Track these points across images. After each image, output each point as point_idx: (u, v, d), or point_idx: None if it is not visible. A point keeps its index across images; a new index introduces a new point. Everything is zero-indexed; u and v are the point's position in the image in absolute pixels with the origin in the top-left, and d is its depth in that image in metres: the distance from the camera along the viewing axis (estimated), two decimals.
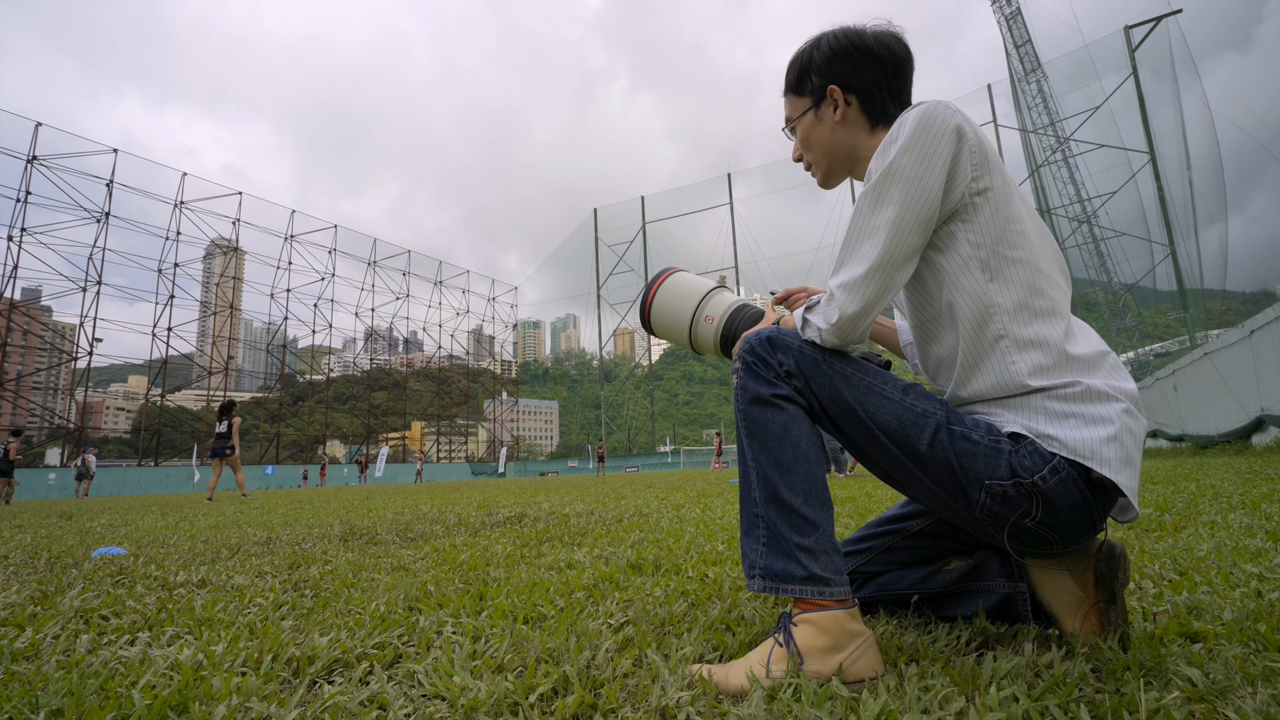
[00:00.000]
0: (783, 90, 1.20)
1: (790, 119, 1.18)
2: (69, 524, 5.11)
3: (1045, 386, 0.92)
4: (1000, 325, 0.94)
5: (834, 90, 1.11)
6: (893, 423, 0.95)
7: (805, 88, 1.14)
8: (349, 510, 5.80)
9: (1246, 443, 8.34)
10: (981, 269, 0.95)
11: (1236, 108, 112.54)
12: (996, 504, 0.91)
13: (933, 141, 0.92)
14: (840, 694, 0.80)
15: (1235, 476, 4.32)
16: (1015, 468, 0.89)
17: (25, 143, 30.28)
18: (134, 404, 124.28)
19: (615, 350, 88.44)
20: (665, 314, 1.31)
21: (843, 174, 1.18)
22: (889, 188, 0.93)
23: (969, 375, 0.99)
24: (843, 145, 1.13)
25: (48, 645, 1.23)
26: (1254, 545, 1.74)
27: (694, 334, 1.28)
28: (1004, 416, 0.95)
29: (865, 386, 0.98)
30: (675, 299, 1.30)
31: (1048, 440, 0.90)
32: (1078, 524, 0.91)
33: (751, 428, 0.98)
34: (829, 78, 1.11)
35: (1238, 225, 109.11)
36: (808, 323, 1.02)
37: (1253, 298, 41.88)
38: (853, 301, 0.94)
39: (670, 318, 1.30)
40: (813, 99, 1.13)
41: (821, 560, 0.93)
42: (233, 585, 1.87)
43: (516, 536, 2.93)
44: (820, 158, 1.16)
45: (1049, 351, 0.93)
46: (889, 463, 0.98)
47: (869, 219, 0.95)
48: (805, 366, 0.98)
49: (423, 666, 0.99)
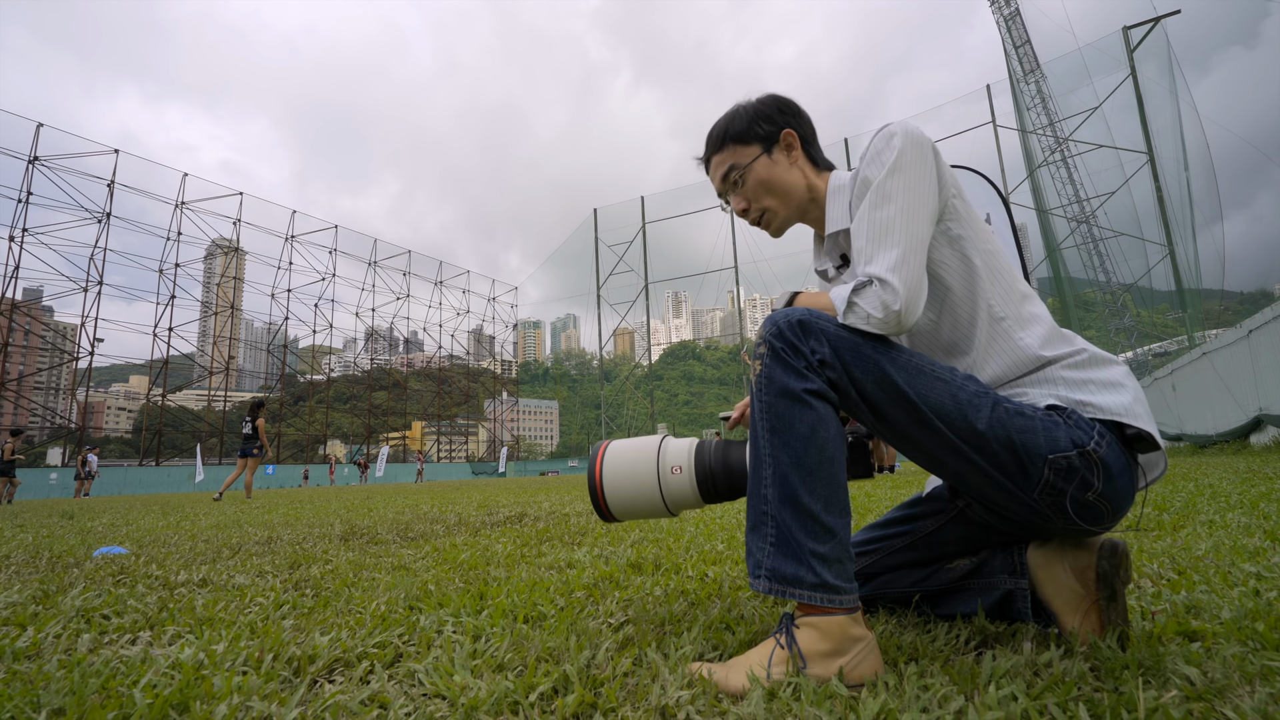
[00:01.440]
0: (712, 150, 1.20)
1: (736, 166, 1.17)
2: (70, 524, 5.11)
3: (1056, 356, 0.98)
4: (1000, 307, 1.01)
5: (789, 133, 1.16)
6: (948, 404, 0.91)
7: (754, 134, 1.15)
8: (349, 510, 5.80)
9: (1245, 442, 8.34)
10: (977, 258, 1.02)
11: (1243, 102, 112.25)
12: (1059, 479, 0.90)
13: (922, 147, 1.00)
14: (840, 693, 0.80)
15: (1233, 476, 4.32)
16: (1074, 438, 0.90)
17: (26, 143, 30.33)
18: (135, 404, 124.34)
19: (615, 350, 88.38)
20: (623, 488, 1.15)
21: (798, 217, 1.20)
22: (899, 176, 0.98)
23: (981, 360, 1.02)
24: (800, 184, 1.16)
25: (49, 644, 1.24)
26: (1252, 544, 1.74)
27: (666, 495, 1.14)
28: (1033, 393, 0.97)
29: (915, 367, 0.94)
30: (627, 467, 1.16)
31: (1082, 406, 0.93)
32: (1128, 488, 0.93)
33: (775, 423, 0.93)
34: (780, 124, 1.16)
35: (1240, 224, 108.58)
36: (854, 307, 0.94)
37: (1251, 297, 41.85)
38: (904, 285, 0.92)
39: (631, 491, 1.15)
40: (763, 145, 1.15)
41: (834, 568, 0.90)
42: (234, 585, 1.87)
43: (517, 536, 2.93)
44: (780, 199, 1.17)
45: (1045, 323, 1.01)
46: (940, 448, 0.93)
47: (884, 208, 0.97)
48: (844, 352, 0.93)
49: (423, 666, 0.99)
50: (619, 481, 1.16)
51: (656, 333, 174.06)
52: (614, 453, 1.19)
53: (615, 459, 1.18)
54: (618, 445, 1.20)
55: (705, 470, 1.13)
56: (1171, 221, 21.55)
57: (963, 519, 1.12)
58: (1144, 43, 22.83)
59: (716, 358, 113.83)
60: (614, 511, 1.19)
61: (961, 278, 1.03)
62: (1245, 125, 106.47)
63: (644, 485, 1.15)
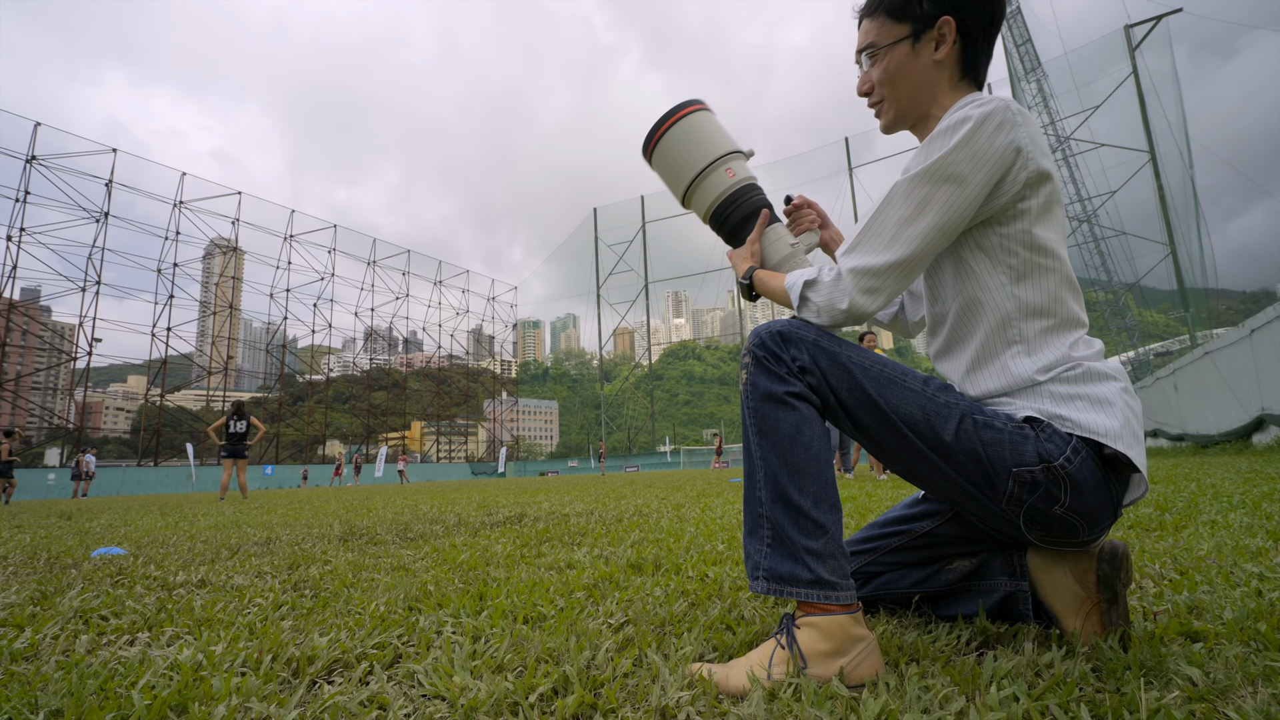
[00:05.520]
0: (866, 12, 1.06)
1: (875, 45, 1.04)
2: (68, 524, 5.11)
3: (1051, 377, 0.95)
4: (1017, 331, 0.96)
5: (947, 23, 0.99)
6: (916, 414, 0.92)
7: (910, 13, 1.00)
8: (349, 510, 5.80)
9: (1247, 442, 8.34)
10: (1009, 273, 0.95)
11: (1271, 85, 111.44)
12: (1025, 492, 0.90)
13: (989, 150, 0.89)
14: (840, 693, 0.80)
15: (1236, 476, 4.32)
16: (1042, 453, 0.89)
17: (24, 143, 30.31)
18: (133, 404, 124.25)
19: (615, 350, 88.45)
20: (682, 143, 1.17)
21: (910, 122, 1.08)
22: (932, 186, 0.91)
23: (978, 373, 0.99)
24: (929, 90, 1.03)
25: (47, 645, 1.23)
26: (1254, 544, 1.73)
27: (699, 181, 1.16)
28: (1015, 404, 0.96)
29: (886, 378, 0.95)
30: (703, 132, 1.17)
31: (1060, 421, 0.91)
32: (1102, 506, 0.91)
33: (761, 426, 0.96)
34: (945, 7, 0.99)
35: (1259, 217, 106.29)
36: (806, 301, 0.98)
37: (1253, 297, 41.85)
38: (867, 294, 0.93)
39: (685, 150, 1.17)
40: (913, 28, 1.01)
41: (829, 564, 0.91)
42: (232, 585, 1.87)
43: (516, 536, 2.93)
44: (902, 97, 1.05)
45: (1058, 351, 0.96)
46: (911, 456, 0.95)
47: (899, 209, 0.93)
48: (821, 360, 0.95)
49: (423, 666, 0.99)
50: (684, 136, 1.19)
51: (656, 333, 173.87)
52: (702, 118, 1.21)
53: (697, 122, 1.20)
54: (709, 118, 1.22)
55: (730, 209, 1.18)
56: (1173, 220, 21.56)
57: (959, 519, 1.12)
58: (1146, 40, 22.83)
59: (716, 358, 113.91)
60: (657, 154, 1.22)
61: (989, 288, 0.97)
62: (1275, 110, 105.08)
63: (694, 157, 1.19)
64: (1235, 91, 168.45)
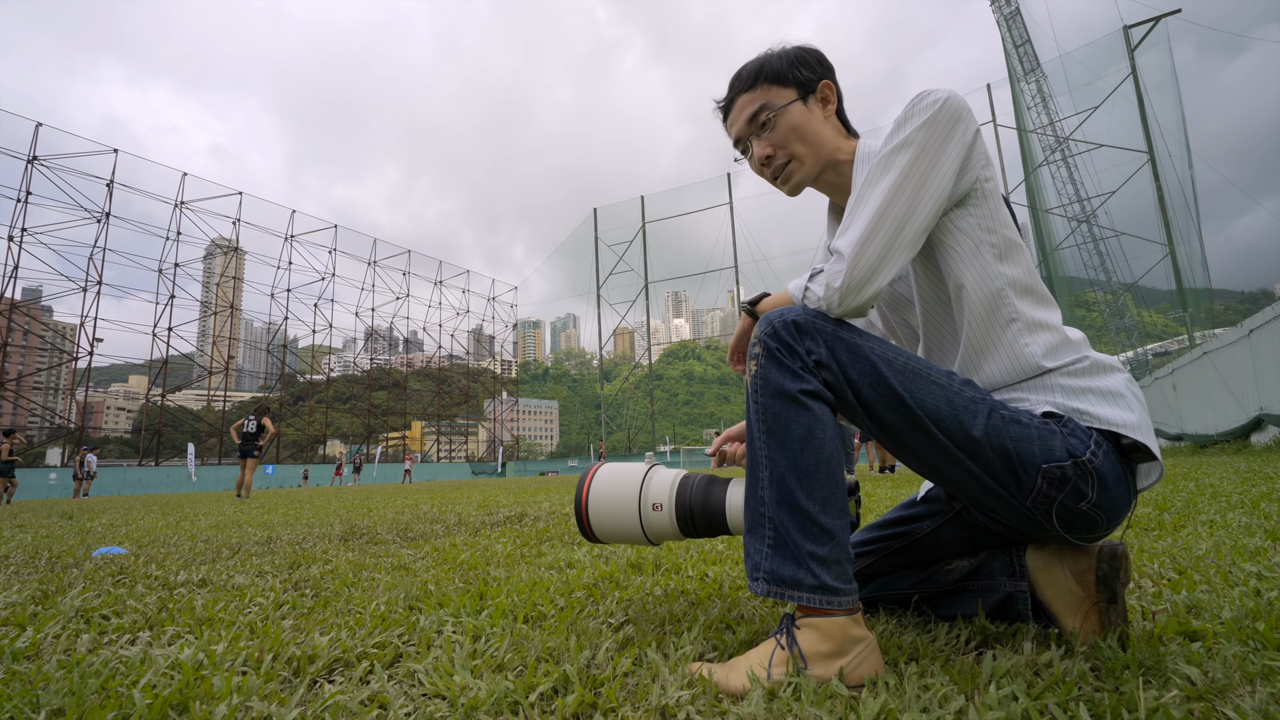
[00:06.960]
0: (742, 89, 1.11)
1: (771, 106, 1.08)
2: (69, 524, 5.11)
3: (1058, 365, 0.95)
4: (1012, 308, 0.97)
5: (828, 85, 1.09)
6: (943, 409, 0.89)
7: (792, 78, 1.08)
8: (349, 510, 5.80)
9: (1245, 442, 8.35)
10: (992, 252, 0.97)
11: (1272, 85, 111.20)
12: (1053, 489, 0.89)
13: (952, 124, 0.93)
14: (840, 693, 0.80)
15: (1234, 475, 4.32)
16: (1070, 448, 0.88)
17: (25, 143, 30.32)
18: (134, 404, 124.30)
19: (615, 350, 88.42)
20: (607, 517, 1.21)
21: (817, 175, 1.12)
22: (903, 153, 0.92)
23: (982, 360, 0.99)
24: (830, 141, 1.09)
25: (48, 645, 1.23)
26: (1253, 544, 1.74)
27: (647, 528, 1.19)
28: (1030, 399, 0.96)
29: (912, 371, 0.91)
30: (612, 497, 1.20)
31: (1080, 415, 0.91)
32: (1122, 498, 0.92)
33: (770, 425, 0.92)
34: (821, 73, 1.09)
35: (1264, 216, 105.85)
36: (808, 291, 0.95)
37: (1252, 297, 41.82)
38: (854, 264, 0.90)
39: (614, 521, 1.20)
40: (800, 91, 1.08)
41: (834, 570, 0.89)
42: (233, 585, 1.87)
43: (516, 536, 2.93)
44: (809, 151, 1.09)
45: (1055, 332, 0.97)
46: (935, 454, 0.92)
47: (877, 183, 0.93)
48: (840, 353, 0.91)
49: (423, 666, 0.99)
50: (603, 509, 1.21)
51: (656, 332, 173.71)
52: (601, 480, 1.24)
53: (602, 486, 1.23)
54: (606, 472, 1.25)
55: (685, 509, 1.17)
56: (1172, 220, 21.57)
57: (960, 520, 1.12)
58: (1145, 40, 22.84)
59: (716, 357, 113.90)
60: (597, 535, 1.25)
61: (977, 269, 0.97)
62: (1275, 111, 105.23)
63: (626, 517, 1.20)
64: (1240, 89, 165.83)
